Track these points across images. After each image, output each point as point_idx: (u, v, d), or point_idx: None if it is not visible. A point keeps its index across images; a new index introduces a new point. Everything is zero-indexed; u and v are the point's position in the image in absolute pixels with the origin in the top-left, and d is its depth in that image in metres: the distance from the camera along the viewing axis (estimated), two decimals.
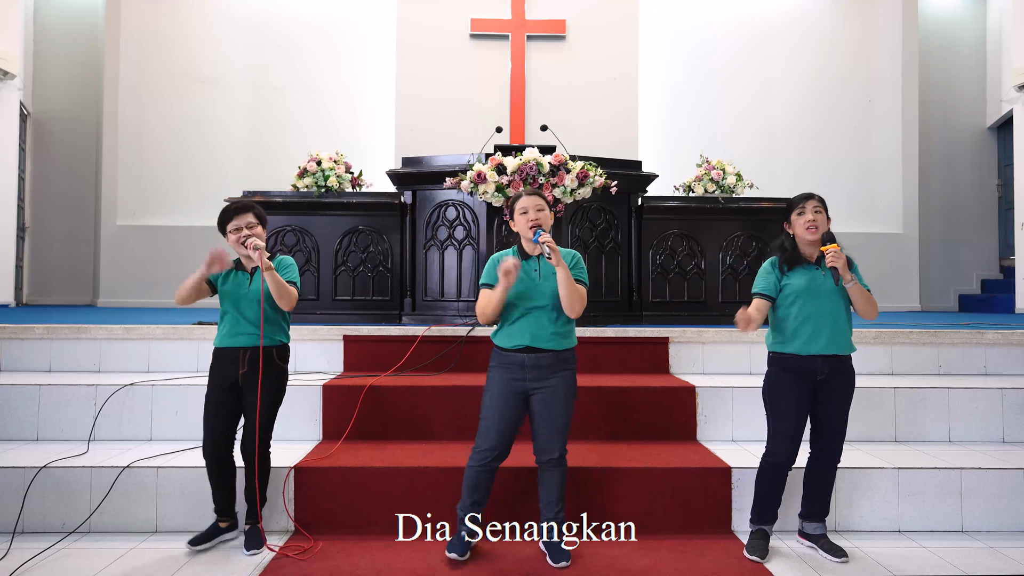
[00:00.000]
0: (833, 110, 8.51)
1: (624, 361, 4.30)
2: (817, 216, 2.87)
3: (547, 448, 2.80)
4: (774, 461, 2.90)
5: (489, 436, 2.81)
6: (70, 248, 8.28)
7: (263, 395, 2.93)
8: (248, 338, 2.95)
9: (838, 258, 2.78)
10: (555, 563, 2.73)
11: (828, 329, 2.84)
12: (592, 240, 4.92)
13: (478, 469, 2.82)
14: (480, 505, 2.85)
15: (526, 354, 2.80)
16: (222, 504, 3.00)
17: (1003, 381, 4.02)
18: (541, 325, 2.80)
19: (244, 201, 3.08)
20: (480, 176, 4.51)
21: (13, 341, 4.22)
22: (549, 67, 8.08)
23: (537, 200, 2.86)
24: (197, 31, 8.25)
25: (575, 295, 2.77)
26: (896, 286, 8.22)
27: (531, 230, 2.79)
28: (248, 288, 2.98)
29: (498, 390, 2.83)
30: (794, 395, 2.87)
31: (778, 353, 2.93)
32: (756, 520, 2.96)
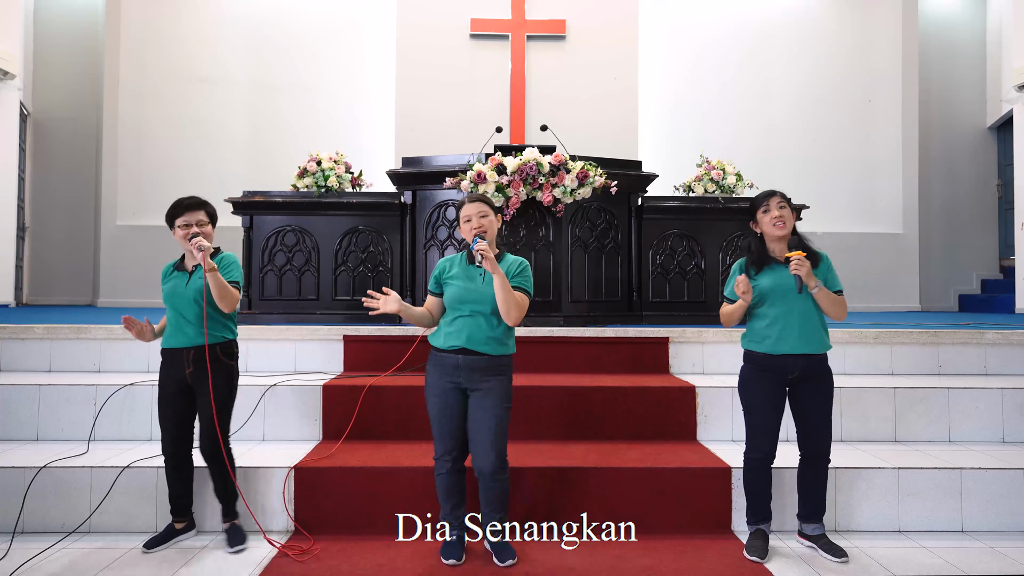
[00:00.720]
0: (833, 110, 8.51)
1: (624, 361, 4.30)
2: (782, 211, 2.87)
3: (482, 461, 2.74)
4: (754, 457, 2.92)
5: (443, 440, 2.81)
6: (70, 248, 8.28)
7: (215, 393, 2.91)
8: (190, 337, 2.94)
9: (801, 266, 2.76)
10: (501, 562, 2.74)
11: (797, 329, 2.83)
12: (592, 240, 4.92)
13: (443, 475, 2.82)
14: (459, 508, 2.84)
15: (461, 355, 2.77)
16: (177, 504, 3.01)
17: (1003, 381, 4.02)
18: (479, 328, 2.78)
19: (196, 198, 3.05)
20: (480, 176, 4.51)
21: (13, 341, 4.22)
22: (549, 67, 8.09)
23: (480, 207, 2.84)
24: (197, 31, 8.26)
25: (511, 302, 2.74)
26: (896, 286, 8.23)
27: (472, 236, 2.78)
28: (185, 287, 2.96)
29: (437, 392, 2.81)
30: (766, 392, 2.88)
31: (751, 351, 2.95)
32: (752, 520, 2.96)
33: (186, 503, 3.03)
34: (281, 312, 4.97)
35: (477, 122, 7.17)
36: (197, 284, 2.94)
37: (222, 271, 2.94)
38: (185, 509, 3.03)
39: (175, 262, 3.09)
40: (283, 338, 4.30)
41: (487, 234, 2.80)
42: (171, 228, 3.00)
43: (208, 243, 2.90)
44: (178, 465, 2.98)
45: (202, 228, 2.97)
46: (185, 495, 3.02)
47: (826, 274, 2.89)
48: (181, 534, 3.01)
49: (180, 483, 3.00)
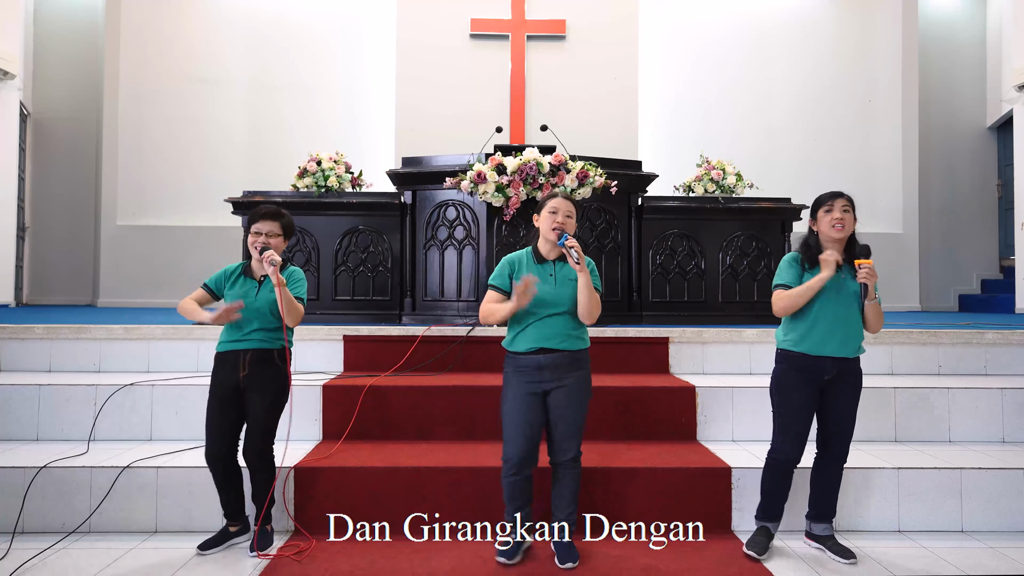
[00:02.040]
0: (833, 110, 8.52)
1: (624, 361, 4.30)
2: (845, 215, 2.85)
3: (563, 448, 2.79)
4: (780, 459, 2.90)
5: (516, 443, 2.78)
6: (70, 248, 8.28)
7: (265, 397, 2.92)
8: (250, 342, 2.94)
9: (871, 276, 2.76)
10: (562, 564, 2.74)
11: (841, 331, 2.83)
12: (592, 240, 4.92)
13: (511, 480, 2.80)
14: (524, 509, 2.83)
15: (541, 355, 2.77)
16: (230, 508, 2.99)
17: (1003, 381, 4.02)
18: (557, 327, 2.78)
19: (277, 209, 3.02)
20: (480, 176, 4.51)
21: (13, 341, 4.22)
22: (549, 67, 8.09)
23: (570, 206, 2.83)
24: (197, 31, 8.26)
25: (594, 302, 2.76)
26: (896, 286, 8.23)
27: (555, 232, 2.77)
28: (255, 298, 2.95)
29: (516, 395, 2.79)
30: (802, 393, 2.86)
31: (788, 351, 2.91)
32: (760, 517, 2.96)
33: (240, 506, 3.01)
34: None
35: (477, 122, 7.17)
36: (267, 296, 2.93)
37: (290, 286, 2.94)
38: (239, 512, 3.01)
39: (242, 265, 3.05)
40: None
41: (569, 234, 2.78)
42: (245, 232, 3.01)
43: (279, 257, 2.89)
44: (229, 469, 2.95)
45: (272, 239, 2.95)
46: (238, 499, 3.00)
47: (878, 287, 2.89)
48: (236, 536, 2.98)
49: (232, 487, 2.97)
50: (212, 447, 2.93)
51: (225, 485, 2.96)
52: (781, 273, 2.92)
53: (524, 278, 2.69)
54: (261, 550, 2.88)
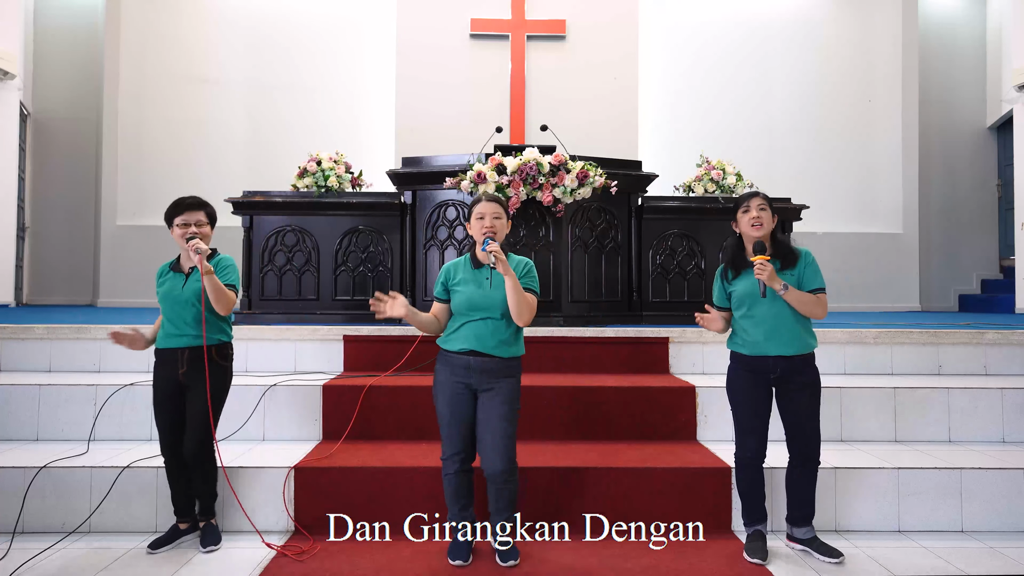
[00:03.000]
0: (833, 110, 8.52)
1: (624, 361, 4.30)
2: (762, 213, 2.87)
3: (491, 459, 2.73)
4: (743, 455, 2.92)
5: (451, 440, 2.80)
6: (70, 248, 8.29)
7: (202, 395, 2.91)
8: (186, 339, 2.94)
9: (763, 270, 2.76)
10: (504, 562, 2.74)
11: (775, 330, 2.83)
12: (592, 240, 4.92)
13: (451, 476, 2.81)
14: (467, 509, 2.84)
15: (472, 357, 2.77)
16: (180, 504, 3.01)
17: (1003, 381, 4.02)
18: (489, 332, 2.78)
19: (196, 198, 3.05)
20: (480, 176, 4.51)
21: (13, 341, 4.22)
22: (549, 67, 8.09)
23: (496, 207, 2.82)
24: (197, 31, 8.26)
25: (523, 303, 2.74)
26: (896, 286, 8.23)
27: (484, 236, 2.76)
28: (182, 289, 2.96)
29: (446, 391, 2.80)
30: (754, 391, 2.88)
31: (734, 352, 2.97)
32: (748, 522, 2.95)
33: (189, 503, 3.02)
34: (281, 312, 4.97)
35: (477, 122, 7.18)
36: (195, 286, 2.94)
37: (219, 274, 2.94)
38: (188, 509, 3.02)
39: (171, 263, 3.09)
40: (283, 338, 4.30)
41: (497, 236, 2.78)
42: (169, 227, 3.00)
43: (205, 246, 2.89)
44: (178, 465, 2.97)
45: (200, 229, 2.96)
46: (186, 495, 3.01)
47: (803, 272, 2.87)
48: (185, 534, 3.00)
49: (182, 484, 2.99)
50: (163, 443, 2.97)
51: (175, 481, 2.98)
52: (714, 291, 3.05)
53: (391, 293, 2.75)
54: (207, 546, 2.89)
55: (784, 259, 2.88)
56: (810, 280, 2.87)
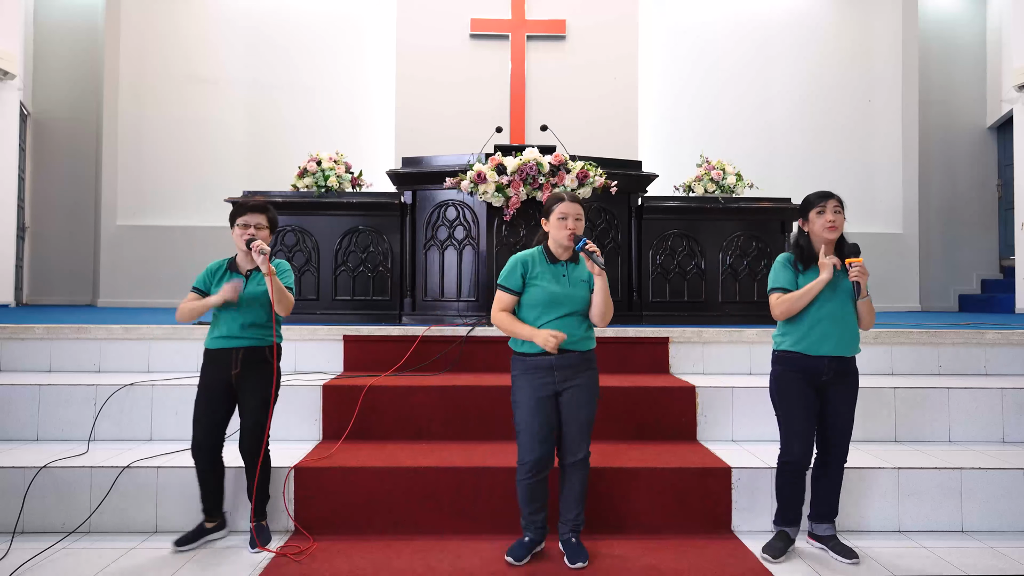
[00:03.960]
0: (833, 110, 8.52)
1: (624, 361, 4.30)
2: (837, 216, 2.86)
3: (574, 449, 2.80)
4: (790, 460, 2.90)
5: (532, 447, 2.77)
6: (70, 248, 8.29)
7: (258, 394, 2.94)
8: (240, 340, 2.96)
9: (863, 274, 2.79)
10: (572, 564, 2.74)
11: (838, 331, 2.84)
12: (592, 240, 4.91)
13: (528, 483, 2.79)
14: (540, 512, 2.84)
15: (554, 356, 2.76)
16: (209, 504, 3.01)
17: (1003, 381, 4.02)
18: (570, 328, 2.78)
19: (261, 202, 3.07)
20: (480, 176, 4.51)
21: (13, 341, 4.22)
22: (549, 67, 8.08)
23: (579, 209, 2.83)
24: (197, 31, 8.26)
25: (609, 305, 2.79)
26: (896, 286, 8.23)
27: (570, 239, 2.77)
28: (244, 293, 2.97)
29: (528, 397, 2.77)
30: (803, 394, 2.87)
31: (785, 352, 2.92)
32: (778, 522, 2.96)
33: (218, 502, 3.02)
34: None
35: (477, 122, 7.17)
36: (256, 290, 2.96)
37: (279, 276, 2.97)
38: (217, 509, 3.02)
39: (227, 261, 3.07)
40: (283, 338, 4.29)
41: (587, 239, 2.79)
42: (231, 226, 3.01)
43: (267, 247, 2.91)
44: (213, 464, 2.97)
45: (259, 231, 2.97)
46: (218, 494, 3.01)
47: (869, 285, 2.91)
48: (212, 533, 3.00)
49: (213, 483, 2.99)
50: (200, 442, 2.95)
51: (207, 480, 2.98)
52: (776, 276, 2.93)
53: (554, 332, 2.69)
54: (263, 544, 2.89)
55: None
56: None
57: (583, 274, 2.83)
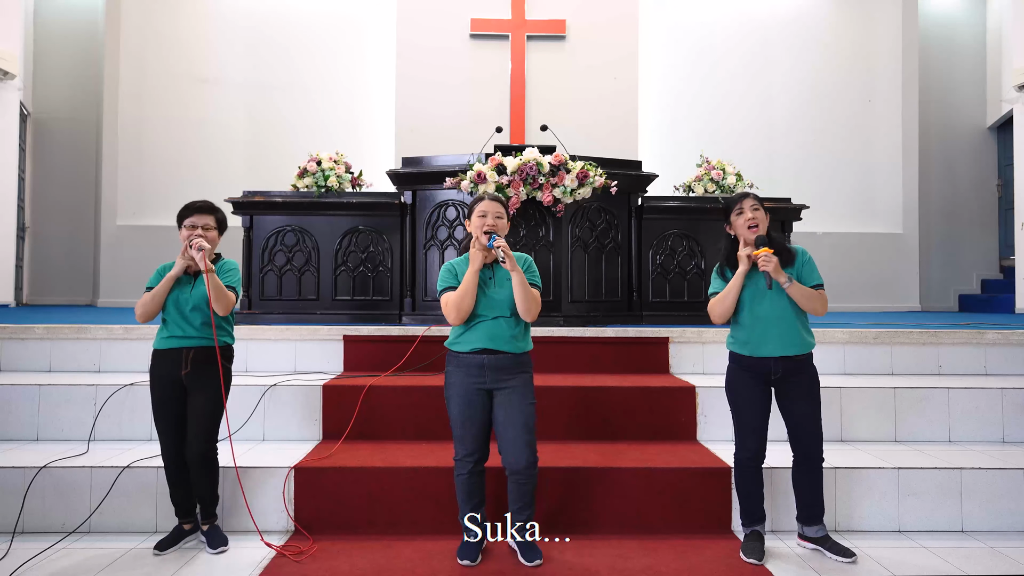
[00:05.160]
0: (833, 110, 8.52)
1: (624, 361, 4.30)
2: (755, 213, 2.87)
3: (516, 458, 2.74)
4: (742, 457, 2.91)
5: (464, 442, 2.80)
6: (70, 248, 8.29)
7: (210, 395, 2.92)
8: (190, 340, 2.94)
9: (768, 262, 2.77)
10: (529, 562, 2.74)
11: (777, 330, 2.84)
12: (592, 240, 4.92)
13: (464, 477, 2.81)
14: (480, 508, 2.85)
15: (485, 355, 2.78)
16: (183, 506, 3.00)
17: (1003, 381, 4.02)
18: (500, 329, 2.79)
19: (207, 202, 3.06)
20: (480, 176, 4.51)
21: (13, 341, 4.22)
22: (549, 67, 8.08)
23: (498, 207, 2.85)
24: (197, 31, 8.26)
25: (530, 298, 2.77)
26: (896, 286, 8.23)
27: (485, 235, 2.77)
28: (191, 291, 2.96)
29: (460, 392, 2.80)
30: (752, 391, 2.89)
31: (733, 352, 2.97)
32: (747, 522, 2.95)
33: (192, 504, 3.02)
34: (281, 312, 4.98)
35: (477, 122, 7.17)
36: (202, 290, 2.94)
37: (221, 275, 2.96)
38: (191, 510, 3.02)
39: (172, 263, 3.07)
40: (283, 338, 4.30)
41: (499, 234, 2.79)
42: (179, 228, 3.01)
43: (207, 244, 2.90)
44: (181, 466, 2.97)
45: (207, 232, 2.97)
46: (190, 496, 3.01)
47: (800, 269, 2.88)
48: (189, 535, 3.00)
49: (184, 484, 2.99)
50: (164, 444, 2.96)
51: (177, 483, 2.98)
52: (712, 285, 2.98)
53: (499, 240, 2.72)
54: (218, 548, 2.89)
55: (781, 257, 2.88)
56: (808, 276, 2.88)
57: (508, 274, 2.80)
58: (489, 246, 2.75)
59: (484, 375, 2.78)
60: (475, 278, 2.77)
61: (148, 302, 2.94)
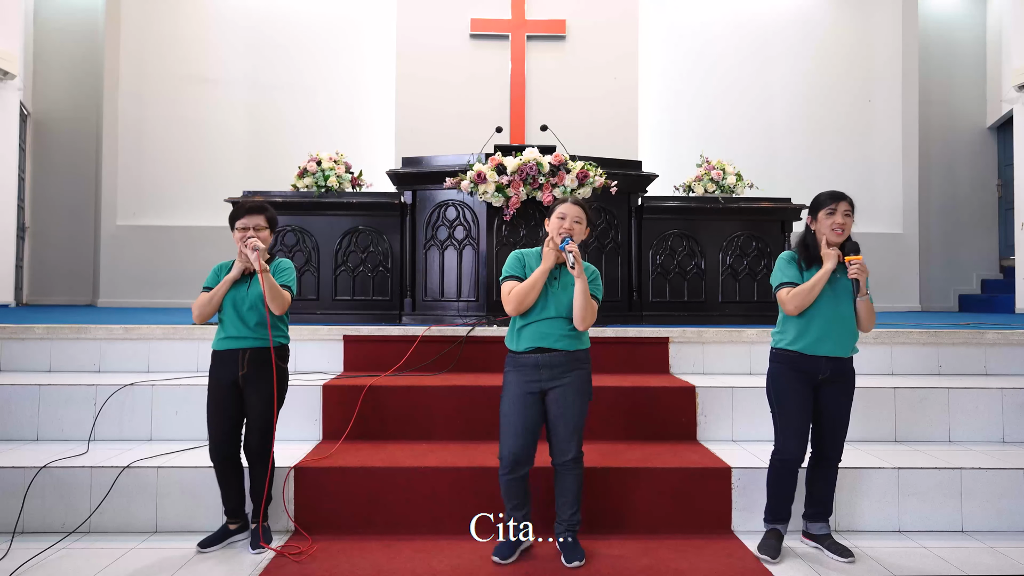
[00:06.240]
0: (833, 110, 8.52)
1: (624, 361, 4.30)
2: (846, 220, 2.87)
3: (563, 449, 2.80)
4: (783, 458, 2.90)
5: (511, 442, 2.79)
6: (70, 248, 8.29)
7: (264, 395, 2.94)
8: (247, 340, 2.96)
9: (863, 272, 2.80)
10: (568, 563, 2.74)
11: (836, 331, 2.85)
12: (592, 240, 4.92)
13: (507, 478, 2.81)
14: (520, 510, 2.84)
15: (539, 354, 2.80)
16: (231, 505, 3.00)
17: (1003, 381, 4.02)
18: (555, 328, 2.80)
19: (260, 202, 3.07)
20: (480, 176, 4.51)
21: (13, 341, 4.22)
22: (549, 67, 8.09)
23: (579, 211, 2.85)
24: (197, 31, 8.26)
25: (588, 308, 2.78)
26: (896, 286, 8.23)
27: (560, 236, 2.78)
28: (247, 292, 2.97)
29: (513, 393, 2.81)
30: (799, 392, 2.88)
31: (783, 350, 2.93)
32: (769, 519, 2.95)
33: (240, 504, 3.02)
34: None
35: (477, 122, 7.17)
36: (258, 290, 2.95)
37: (275, 274, 2.98)
38: (239, 510, 3.02)
39: (233, 262, 3.06)
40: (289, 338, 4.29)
41: (574, 239, 2.79)
42: (232, 229, 3.02)
43: (261, 244, 2.91)
44: (232, 467, 2.98)
45: (259, 233, 2.98)
46: (239, 496, 3.01)
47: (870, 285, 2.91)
48: (236, 534, 3.00)
49: (234, 484, 2.99)
50: (215, 444, 2.96)
51: (227, 482, 2.98)
52: (783, 272, 2.92)
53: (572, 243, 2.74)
54: (267, 544, 2.90)
55: None
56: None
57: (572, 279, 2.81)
58: (561, 248, 2.76)
59: (539, 374, 2.79)
60: (544, 277, 2.78)
61: (206, 303, 2.95)
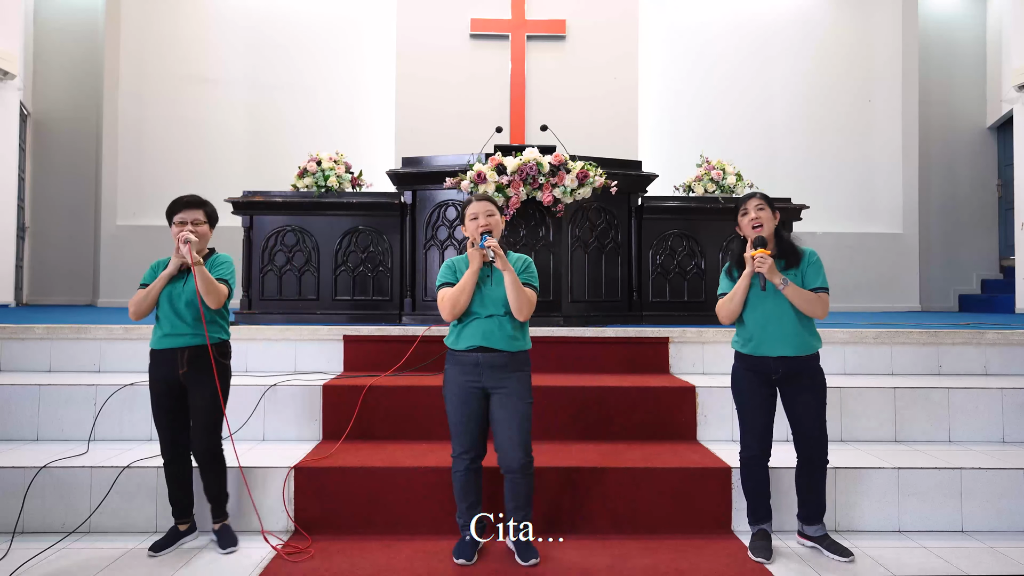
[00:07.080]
0: (833, 110, 8.52)
1: (624, 361, 4.30)
2: (760, 213, 2.88)
3: (512, 457, 2.76)
4: (747, 455, 2.93)
5: (461, 438, 2.81)
6: (70, 248, 8.29)
7: (209, 393, 2.91)
8: (185, 338, 2.92)
9: (762, 264, 2.78)
10: (525, 562, 2.74)
11: (773, 331, 2.85)
12: (592, 240, 4.92)
13: (461, 474, 2.82)
14: (475, 508, 2.85)
15: (480, 354, 2.79)
16: (180, 506, 3.00)
17: (1003, 381, 4.02)
18: (495, 327, 2.80)
19: (195, 197, 3.04)
20: (480, 176, 4.51)
21: (13, 341, 4.22)
22: (549, 67, 8.09)
23: (487, 205, 2.86)
24: (197, 31, 8.26)
25: (523, 298, 2.77)
26: (896, 286, 8.24)
27: (479, 234, 2.79)
28: (183, 287, 2.94)
29: (456, 391, 2.82)
30: (757, 391, 2.90)
31: (738, 352, 2.98)
32: (753, 521, 2.96)
33: (188, 505, 3.02)
34: (281, 312, 4.97)
35: (477, 122, 7.18)
36: (193, 285, 2.92)
37: (212, 268, 2.95)
38: (187, 511, 3.02)
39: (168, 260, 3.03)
40: (283, 338, 4.30)
41: (493, 233, 2.81)
42: (170, 225, 2.99)
43: (194, 237, 2.88)
44: (179, 467, 2.97)
45: (197, 227, 2.95)
46: (187, 497, 3.01)
47: (806, 270, 2.88)
48: (185, 535, 3.00)
49: (181, 485, 2.99)
50: (163, 445, 2.96)
51: (175, 483, 2.97)
52: (721, 283, 3.00)
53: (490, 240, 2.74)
54: (227, 548, 2.89)
55: (788, 258, 2.89)
56: (812, 278, 2.88)
57: None
58: (481, 246, 2.77)
59: (480, 373, 2.79)
60: (474, 278, 2.79)
61: (141, 300, 2.92)
